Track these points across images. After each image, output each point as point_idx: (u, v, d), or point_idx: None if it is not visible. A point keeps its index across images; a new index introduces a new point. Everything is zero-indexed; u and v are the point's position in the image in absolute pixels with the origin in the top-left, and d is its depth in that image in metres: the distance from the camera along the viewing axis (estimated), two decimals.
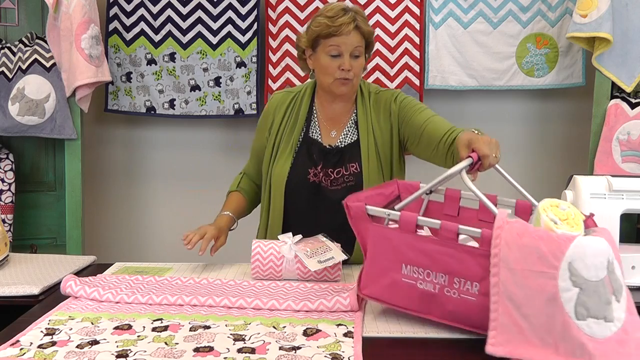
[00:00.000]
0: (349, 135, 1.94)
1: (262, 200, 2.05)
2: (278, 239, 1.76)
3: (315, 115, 1.97)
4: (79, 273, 1.84)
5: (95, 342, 1.27)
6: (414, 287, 1.33)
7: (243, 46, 2.96)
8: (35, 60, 2.80)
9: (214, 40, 2.96)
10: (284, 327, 1.36)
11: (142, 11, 2.97)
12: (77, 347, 1.25)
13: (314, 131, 1.96)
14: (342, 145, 1.93)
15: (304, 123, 1.95)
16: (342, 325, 1.37)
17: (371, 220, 1.39)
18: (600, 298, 1.13)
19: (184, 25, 2.96)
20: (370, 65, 2.92)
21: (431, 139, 1.81)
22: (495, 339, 1.18)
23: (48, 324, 1.38)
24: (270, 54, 2.99)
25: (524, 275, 1.16)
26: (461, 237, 1.28)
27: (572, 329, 1.12)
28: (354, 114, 1.95)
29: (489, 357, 1.26)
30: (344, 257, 1.71)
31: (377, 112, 1.94)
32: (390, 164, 1.93)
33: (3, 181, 2.86)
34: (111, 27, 2.99)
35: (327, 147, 1.93)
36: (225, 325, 1.36)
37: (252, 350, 1.23)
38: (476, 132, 1.59)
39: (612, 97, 2.73)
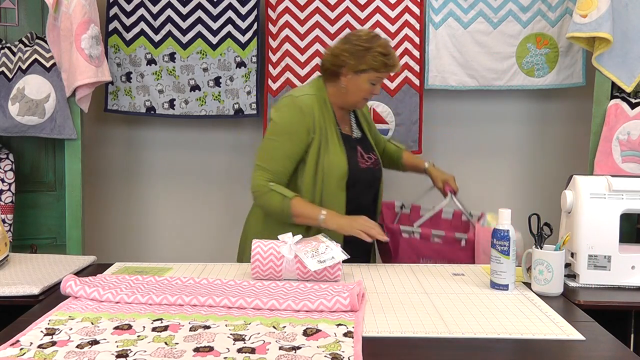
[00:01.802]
0: (355, 130, 2.26)
1: (306, 192, 2.08)
2: (278, 239, 1.76)
3: (335, 116, 2.18)
4: (79, 273, 1.84)
5: (95, 342, 1.27)
6: None
7: (243, 46, 2.96)
8: (35, 60, 2.79)
9: (214, 40, 2.96)
10: (284, 327, 1.36)
11: (142, 11, 2.97)
12: (77, 347, 1.25)
13: (341, 128, 2.19)
14: (358, 137, 2.25)
15: (335, 122, 2.15)
16: (342, 325, 1.37)
17: (401, 234, 2.21)
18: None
19: (184, 25, 2.96)
20: None
21: (392, 157, 2.48)
22: None
23: (48, 324, 1.38)
24: (270, 54, 2.99)
25: (487, 250, 1.94)
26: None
27: None
28: (351, 114, 2.28)
29: (488, 357, 1.26)
30: (344, 257, 1.71)
31: (362, 113, 2.34)
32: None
33: (3, 181, 2.86)
34: (111, 27, 2.99)
35: (354, 138, 2.23)
36: (225, 325, 1.37)
37: (252, 350, 1.23)
38: (430, 163, 2.43)
39: (612, 97, 2.73)
